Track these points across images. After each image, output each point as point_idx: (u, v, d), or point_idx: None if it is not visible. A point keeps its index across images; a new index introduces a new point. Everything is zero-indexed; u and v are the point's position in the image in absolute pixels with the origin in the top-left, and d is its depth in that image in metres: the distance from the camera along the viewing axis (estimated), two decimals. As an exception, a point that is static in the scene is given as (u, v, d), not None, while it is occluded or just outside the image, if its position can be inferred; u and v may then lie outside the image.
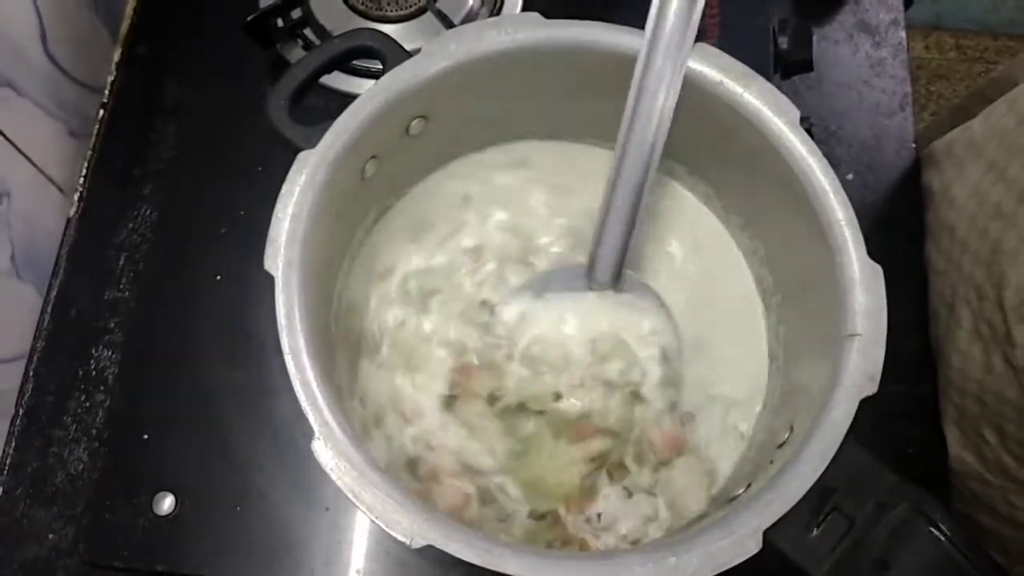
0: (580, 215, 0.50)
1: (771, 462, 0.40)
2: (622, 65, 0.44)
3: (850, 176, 0.58)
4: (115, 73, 0.61)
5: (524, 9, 0.62)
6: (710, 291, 0.49)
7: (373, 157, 0.44)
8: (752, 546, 0.35)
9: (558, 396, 0.46)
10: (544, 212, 0.51)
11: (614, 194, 0.42)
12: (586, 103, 0.48)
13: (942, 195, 0.52)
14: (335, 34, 0.51)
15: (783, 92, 0.42)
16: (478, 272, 0.49)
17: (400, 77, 0.42)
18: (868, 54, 0.62)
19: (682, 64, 0.39)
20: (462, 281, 0.49)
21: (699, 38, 0.39)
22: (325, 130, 0.41)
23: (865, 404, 0.37)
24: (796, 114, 0.42)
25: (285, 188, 0.40)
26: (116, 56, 0.62)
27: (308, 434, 0.36)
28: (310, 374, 0.37)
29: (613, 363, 0.46)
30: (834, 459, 0.36)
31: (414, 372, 0.47)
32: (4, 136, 0.52)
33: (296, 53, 0.59)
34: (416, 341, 0.48)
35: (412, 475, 0.45)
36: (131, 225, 0.57)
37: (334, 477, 0.35)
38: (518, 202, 0.51)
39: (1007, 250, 0.44)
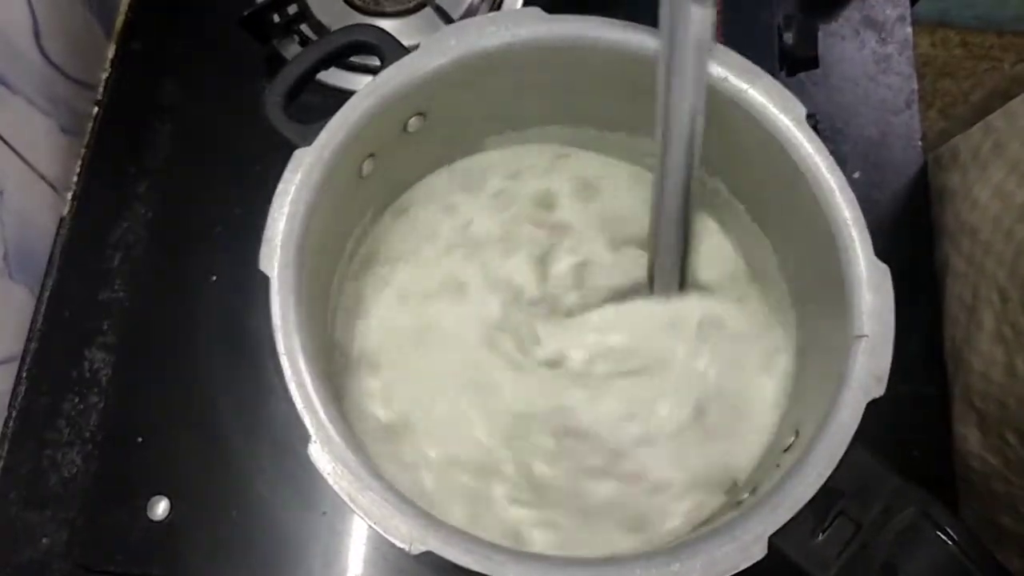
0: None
1: (776, 466, 0.39)
2: (625, 61, 0.43)
3: (856, 174, 0.57)
4: (109, 70, 0.60)
5: (525, 4, 0.61)
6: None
7: (370, 155, 0.44)
8: (757, 552, 0.34)
9: None
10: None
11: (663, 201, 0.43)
12: (588, 100, 0.47)
13: (963, 196, 0.51)
14: (332, 29, 0.51)
15: (788, 89, 0.41)
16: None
17: (398, 73, 0.42)
18: (874, 50, 0.61)
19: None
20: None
21: (703, 34, 0.39)
22: (322, 127, 0.40)
23: (870, 406, 0.36)
24: (802, 111, 0.41)
25: (281, 187, 0.39)
26: (110, 52, 0.61)
27: (305, 437, 0.36)
28: (306, 376, 0.37)
29: None
30: (840, 462, 0.35)
31: None
32: (-4, 134, 0.51)
33: (292, 49, 0.59)
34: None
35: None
36: (126, 224, 0.56)
37: (331, 481, 0.35)
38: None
39: None
